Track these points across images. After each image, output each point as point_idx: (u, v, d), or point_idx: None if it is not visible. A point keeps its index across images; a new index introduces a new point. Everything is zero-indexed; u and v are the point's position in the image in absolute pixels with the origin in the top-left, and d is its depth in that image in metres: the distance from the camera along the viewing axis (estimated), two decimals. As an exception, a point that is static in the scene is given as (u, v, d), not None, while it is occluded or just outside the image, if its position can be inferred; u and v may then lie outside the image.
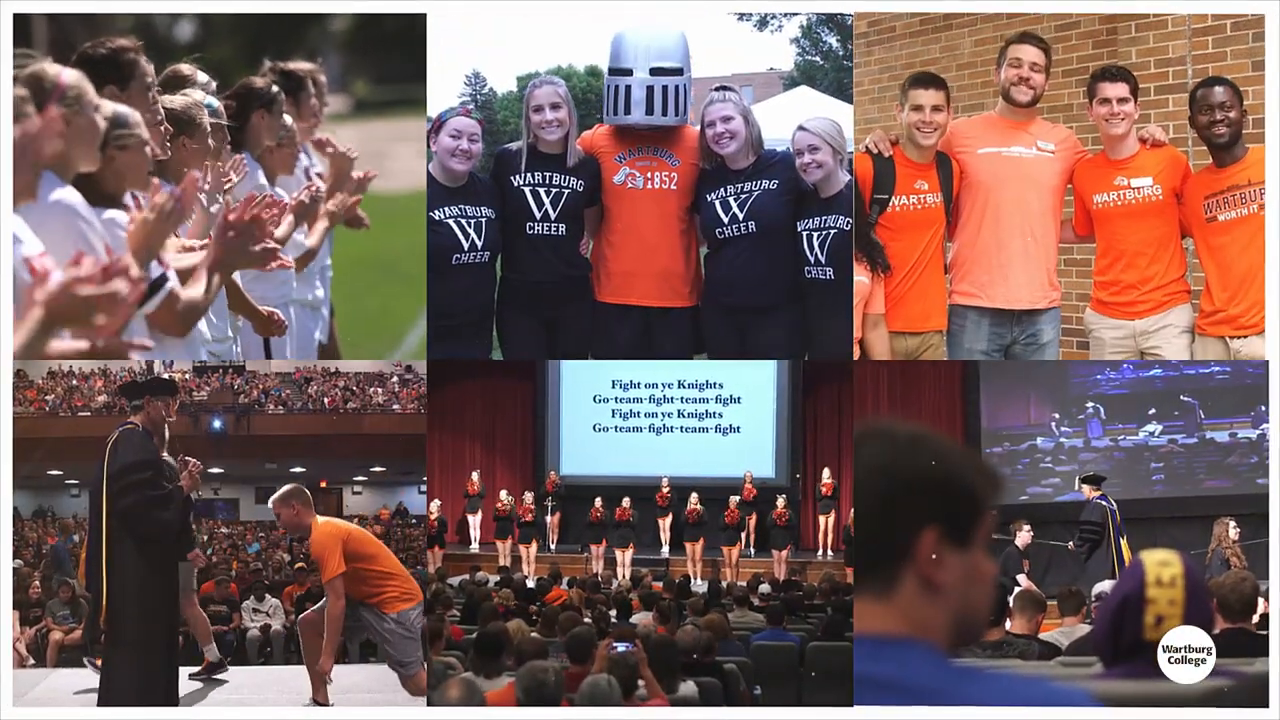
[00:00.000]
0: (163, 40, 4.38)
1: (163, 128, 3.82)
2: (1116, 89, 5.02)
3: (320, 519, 4.97)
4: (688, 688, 4.69)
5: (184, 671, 5.84)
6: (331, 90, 5.61)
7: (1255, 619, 4.12)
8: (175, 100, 4.11)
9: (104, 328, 2.64)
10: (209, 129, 4.22)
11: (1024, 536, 8.94)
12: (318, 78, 5.38)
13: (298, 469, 18.43)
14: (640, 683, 4.20)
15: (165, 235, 3.34)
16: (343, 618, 4.77)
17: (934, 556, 1.54)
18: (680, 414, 13.92)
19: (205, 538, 14.99)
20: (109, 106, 3.37)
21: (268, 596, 9.40)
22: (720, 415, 13.86)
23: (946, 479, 1.56)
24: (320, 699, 4.86)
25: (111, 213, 3.34)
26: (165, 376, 4.83)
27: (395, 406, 16.83)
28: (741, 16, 25.53)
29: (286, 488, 5.14)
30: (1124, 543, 8.01)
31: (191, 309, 3.42)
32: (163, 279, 3.34)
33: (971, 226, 5.19)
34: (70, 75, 3.23)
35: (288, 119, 5.00)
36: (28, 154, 2.96)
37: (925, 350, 5.22)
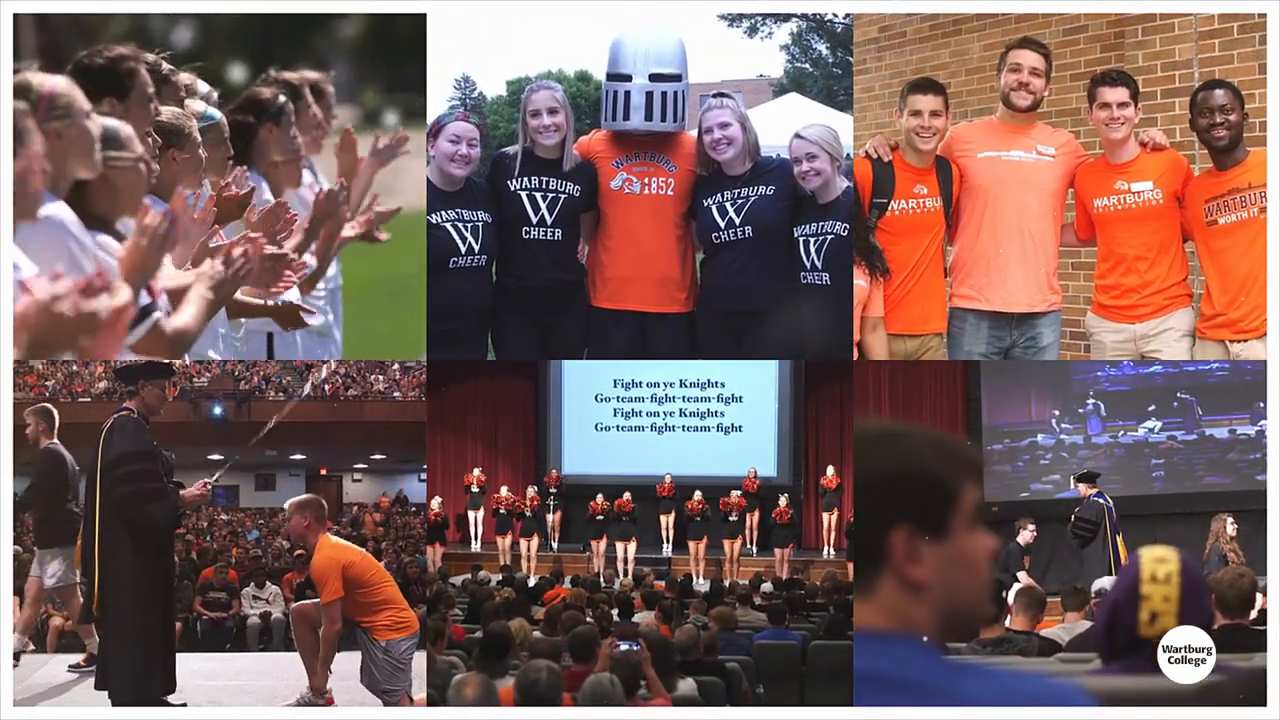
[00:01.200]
0: (160, 48, 4.23)
1: (150, 140, 3.62)
2: (1116, 93, 5.01)
3: (327, 539, 4.87)
4: (686, 685, 4.71)
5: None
6: (340, 101, 5.48)
7: (1253, 615, 4.13)
8: (163, 110, 3.92)
9: (94, 349, 2.57)
10: (199, 140, 4.04)
11: (1026, 535, 8.97)
12: (324, 87, 5.22)
13: (298, 456, 18.42)
14: (643, 682, 4.23)
15: (159, 259, 3.20)
16: (339, 639, 4.75)
17: (909, 555, 1.53)
18: (682, 413, 13.94)
19: (205, 524, 15.04)
20: (100, 121, 3.25)
21: (268, 583, 9.44)
22: (722, 414, 13.88)
23: (908, 475, 1.54)
24: (317, 686, 4.87)
25: (104, 238, 3.23)
26: (160, 361, 4.74)
27: (396, 394, 16.84)
28: (731, 23, 25.56)
29: (306, 496, 5.06)
30: (1119, 540, 8.05)
31: (182, 337, 3.27)
32: (150, 308, 3.20)
33: (971, 230, 5.19)
34: (58, 84, 3.13)
35: (295, 132, 4.85)
36: (25, 191, 2.87)
37: (925, 352, 5.24)
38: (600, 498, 12.58)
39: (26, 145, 2.89)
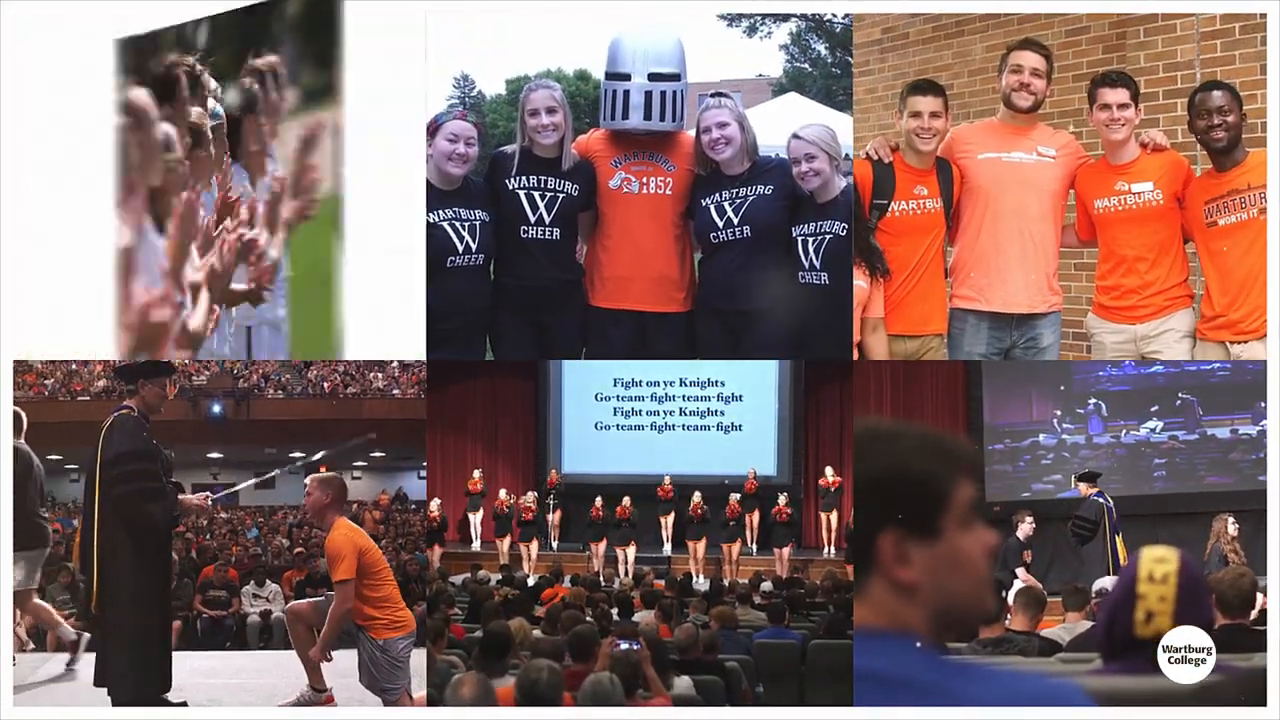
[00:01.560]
0: (196, 50, 4.32)
1: (186, 141, 3.74)
2: (1117, 94, 5.01)
3: (344, 521, 4.84)
4: (682, 683, 4.71)
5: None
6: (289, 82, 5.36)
7: (1253, 615, 4.13)
8: (190, 111, 4.01)
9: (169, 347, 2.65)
10: (212, 138, 4.13)
11: (1025, 528, 8.97)
12: (280, 70, 5.04)
13: (297, 454, 18.39)
14: (642, 681, 4.23)
15: (188, 248, 3.32)
16: (345, 619, 4.74)
17: (897, 558, 1.53)
18: (682, 412, 13.94)
19: (205, 523, 15.04)
20: (161, 128, 3.40)
21: (268, 582, 9.42)
22: (722, 413, 13.87)
23: (900, 474, 1.54)
24: (317, 684, 4.87)
25: (161, 240, 3.35)
26: (160, 359, 4.73)
27: (395, 391, 16.84)
28: (730, 23, 25.58)
29: (329, 474, 5.03)
30: (1119, 540, 8.05)
31: (196, 338, 3.39)
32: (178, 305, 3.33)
33: (971, 231, 5.19)
34: (140, 96, 3.29)
35: (264, 120, 4.80)
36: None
37: (925, 353, 5.24)
38: (599, 502, 12.57)
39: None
